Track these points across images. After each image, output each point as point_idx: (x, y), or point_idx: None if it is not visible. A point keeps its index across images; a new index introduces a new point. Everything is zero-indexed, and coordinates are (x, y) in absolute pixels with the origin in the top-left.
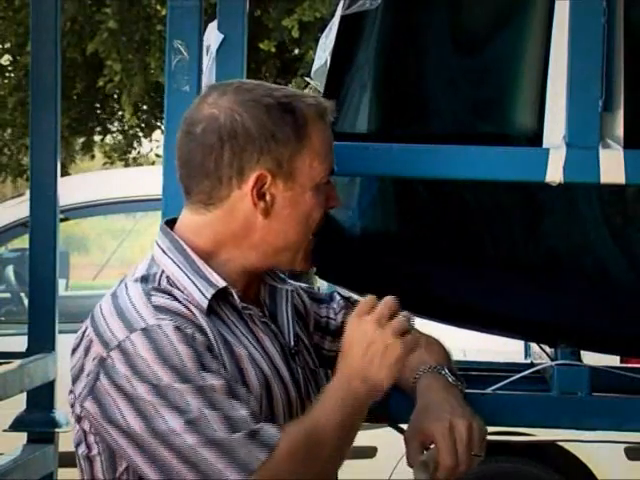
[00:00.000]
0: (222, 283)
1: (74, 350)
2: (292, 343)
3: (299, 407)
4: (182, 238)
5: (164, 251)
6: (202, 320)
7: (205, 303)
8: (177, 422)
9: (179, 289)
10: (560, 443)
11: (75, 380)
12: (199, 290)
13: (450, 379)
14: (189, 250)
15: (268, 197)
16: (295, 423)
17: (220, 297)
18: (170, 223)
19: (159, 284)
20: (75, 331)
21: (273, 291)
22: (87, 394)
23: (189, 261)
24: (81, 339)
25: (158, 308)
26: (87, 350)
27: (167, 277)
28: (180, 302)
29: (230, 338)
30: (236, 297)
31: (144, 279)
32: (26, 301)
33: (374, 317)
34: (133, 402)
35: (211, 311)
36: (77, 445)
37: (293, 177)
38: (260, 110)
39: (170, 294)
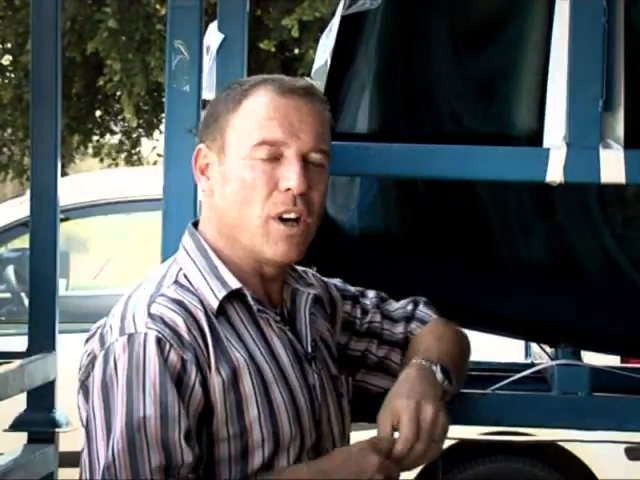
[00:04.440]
0: (236, 284)
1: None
2: (309, 349)
3: (310, 412)
4: (204, 238)
5: (187, 251)
6: (205, 325)
7: (216, 304)
8: (102, 459)
9: (193, 288)
10: (560, 443)
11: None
12: (212, 291)
13: (438, 376)
14: (209, 250)
15: (209, 173)
16: None
17: (235, 297)
18: (196, 224)
19: (176, 280)
20: (75, 331)
21: (295, 294)
22: (79, 388)
23: (208, 261)
24: (92, 334)
25: (152, 316)
26: (87, 342)
27: (184, 275)
28: (185, 309)
29: (234, 342)
30: (250, 299)
31: (162, 278)
32: (26, 301)
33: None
34: (89, 413)
35: (222, 312)
36: None
37: (225, 150)
38: (220, 95)
39: (177, 302)
